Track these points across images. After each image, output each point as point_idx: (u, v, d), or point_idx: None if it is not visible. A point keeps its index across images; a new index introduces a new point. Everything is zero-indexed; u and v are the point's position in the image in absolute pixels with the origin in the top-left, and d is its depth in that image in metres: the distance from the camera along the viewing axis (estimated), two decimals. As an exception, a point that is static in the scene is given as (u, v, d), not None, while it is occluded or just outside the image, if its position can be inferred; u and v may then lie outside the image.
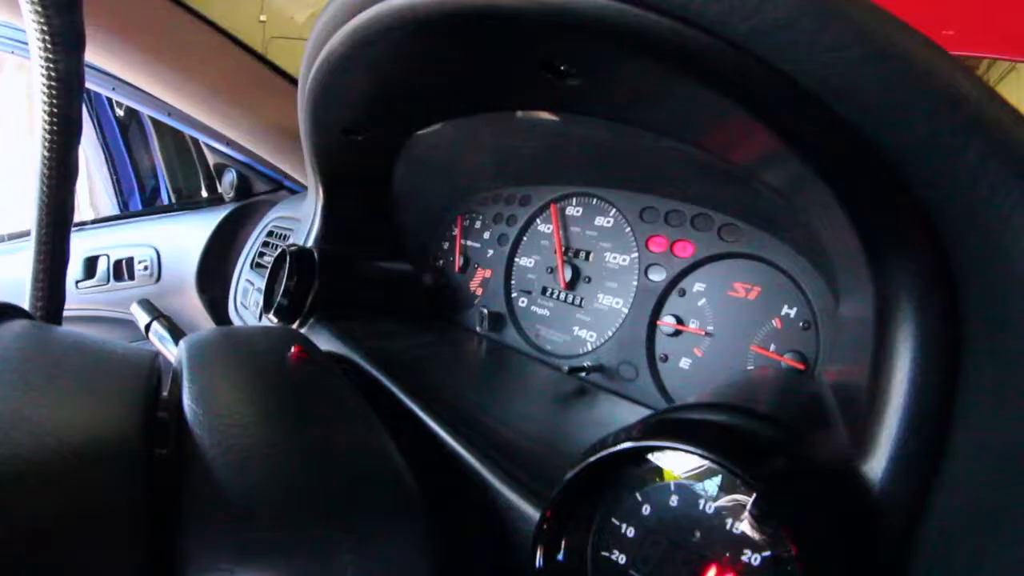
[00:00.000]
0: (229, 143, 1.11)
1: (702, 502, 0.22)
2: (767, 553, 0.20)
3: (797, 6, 0.21)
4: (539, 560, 0.24)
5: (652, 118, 0.38)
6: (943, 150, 0.19)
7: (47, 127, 0.41)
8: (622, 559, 0.23)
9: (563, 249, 0.62)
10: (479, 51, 0.38)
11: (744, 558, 0.20)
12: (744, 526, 0.21)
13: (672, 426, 0.23)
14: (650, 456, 0.23)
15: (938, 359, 0.21)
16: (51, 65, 0.39)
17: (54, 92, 0.40)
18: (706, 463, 0.21)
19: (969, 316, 0.20)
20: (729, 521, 0.21)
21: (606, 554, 0.23)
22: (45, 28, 0.37)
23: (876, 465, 0.21)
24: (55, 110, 0.41)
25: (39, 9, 0.36)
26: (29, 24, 0.37)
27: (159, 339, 0.56)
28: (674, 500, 0.22)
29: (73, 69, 0.40)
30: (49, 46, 0.38)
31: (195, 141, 1.37)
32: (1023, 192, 0.18)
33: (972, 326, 0.20)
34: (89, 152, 1.66)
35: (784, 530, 0.19)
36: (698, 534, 0.21)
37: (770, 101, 0.23)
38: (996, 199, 0.19)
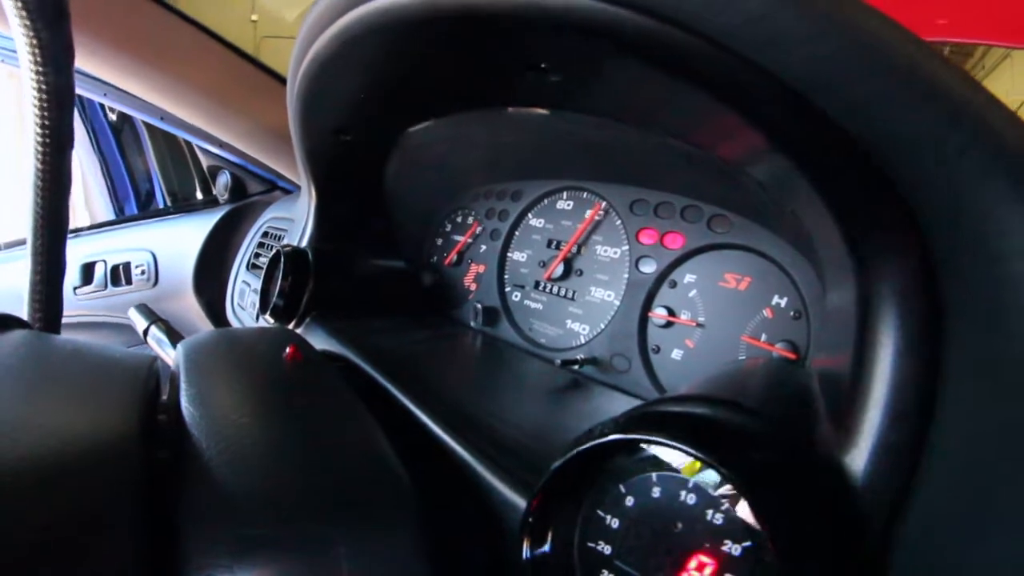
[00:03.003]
0: (222, 145, 1.11)
1: (683, 493, 0.22)
2: (747, 544, 0.20)
3: (770, 0, 0.21)
4: (525, 551, 0.24)
5: (637, 114, 0.38)
6: (923, 143, 0.19)
7: (39, 139, 0.41)
8: (607, 550, 0.24)
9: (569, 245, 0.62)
10: (461, 50, 0.38)
11: (725, 548, 0.21)
12: (723, 517, 0.21)
13: (651, 419, 0.23)
14: (635, 448, 0.23)
15: (920, 352, 0.21)
16: (42, 79, 0.39)
17: (45, 105, 0.40)
18: (684, 455, 0.21)
19: (951, 309, 0.20)
20: (709, 512, 0.21)
21: (592, 545, 0.24)
22: (34, 43, 0.37)
23: (858, 457, 0.21)
24: (47, 122, 0.41)
25: (28, 24, 0.37)
26: (19, 39, 0.37)
27: (157, 343, 0.57)
28: (656, 492, 0.23)
29: (64, 82, 0.40)
30: (39, 60, 0.38)
31: (189, 143, 1.36)
32: (1004, 185, 0.18)
33: (954, 319, 0.20)
34: (83, 157, 1.65)
35: (760, 521, 0.19)
36: (680, 525, 0.22)
37: (749, 96, 0.23)
38: (977, 192, 0.19)
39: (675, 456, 0.22)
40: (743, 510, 0.20)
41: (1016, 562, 0.17)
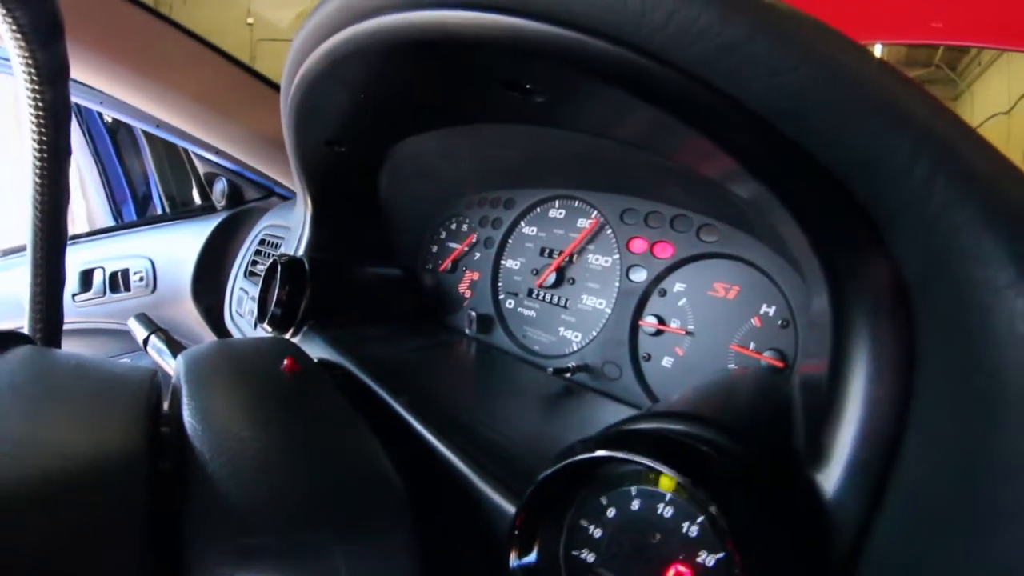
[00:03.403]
0: (218, 152, 1.12)
1: (660, 507, 0.23)
2: (720, 555, 0.21)
3: (741, 31, 0.21)
4: (513, 560, 0.25)
5: (620, 133, 0.39)
6: (889, 170, 0.20)
7: (37, 153, 0.42)
8: (591, 558, 0.24)
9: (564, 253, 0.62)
10: (446, 72, 0.39)
11: (700, 559, 0.22)
12: (698, 530, 0.22)
13: (630, 437, 0.24)
14: (616, 462, 0.24)
15: (891, 375, 0.21)
16: (38, 95, 0.40)
17: (42, 120, 0.41)
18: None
19: (922, 330, 0.21)
20: (685, 525, 0.22)
21: (576, 553, 0.25)
22: (30, 62, 0.38)
23: (830, 474, 0.22)
24: (44, 137, 0.42)
25: (23, 44, 0.37)
26: (14, 58, 0.38)
27: (157, 352, 0.58)
28: (636, 504, 0.23)
29: (59, 99, 0.41)
30: (35, 78, 0.39)
31: (186, 149, 1.37)
32: (969, 214, 0.19)
33: (925, 340, 0.21)
34: (81, 161, 1.66)
35: (728, 538, 0.20)
36: (658, 536, 0.23)
37: (721, 123, 0.24)
38: (942, 220, 0.19)
39: (651, 471, 0.23)
40: (714, 524, 0.21)
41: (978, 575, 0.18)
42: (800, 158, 0.22)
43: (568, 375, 0.56)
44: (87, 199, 1.70)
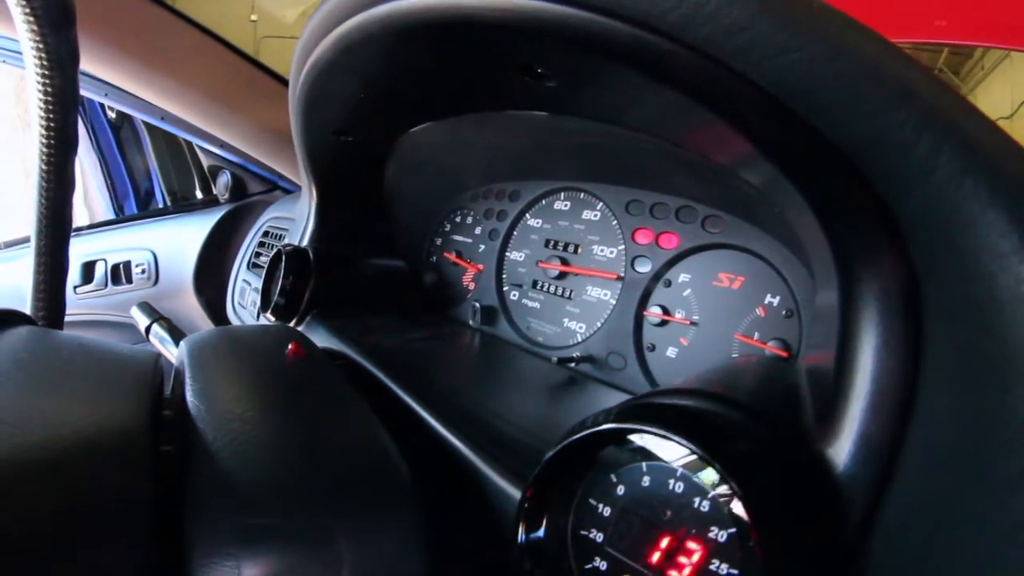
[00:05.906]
0: (223, 145, 1.12)
1: (671, 482, 0.23)
2: (732, 530, 0.21)
3: (751, 11, 0.21)
4: (520, 535, 0.25)
5: (631, 118, 0.39)
6: (895, 145, 0.20)
7: (44, 141, 0.42)
8: (599, 537, 0.24)
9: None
10: (459, 56, 0.39)
11: (711, 534, 0.22)
12: (709, 505, 0.22)
13: (641, 410, 0.24)
14: (629, 437, 0.24)
15: (899, 349, 0.21)
16: (47, 82, 0.40)
17: (50, 108, 0.41)
18: (673, 445, 0.22)
19: (929, 308, 0.21)
20: (696, 500, 0.22)
21: (584, 532, 0.25)
22: (41, 47, 0.38)
23: (840, 449, 0.22)
24: (52, 125, 0.42)
25: (35, 28, 0.37)
26: (25, 42, 0.38)
27: (160, 340, 0.58)
28: (646, 481, 0.23)
29: (68, 85, 0.41)
30: (45, 63, 0.39)
31: (188, 142, 1.37)
32: (972, 185, 0.19)
33: (932, 317, 0.21)
34: (83, 155, 1.66)
35: (742, 508, 0.20)
36: (668, 512, 0.23)
37: (732, 102, 0.24)
38: (947, 192, 0.19)
39: (664, 446, 0.23)
40: (727, 498, 0.21)
41: (979, 546, 0.18)
42: (811, 137, 0.22)
43: (572, 365, 0.56)
44: (88, 198, 1.70)
